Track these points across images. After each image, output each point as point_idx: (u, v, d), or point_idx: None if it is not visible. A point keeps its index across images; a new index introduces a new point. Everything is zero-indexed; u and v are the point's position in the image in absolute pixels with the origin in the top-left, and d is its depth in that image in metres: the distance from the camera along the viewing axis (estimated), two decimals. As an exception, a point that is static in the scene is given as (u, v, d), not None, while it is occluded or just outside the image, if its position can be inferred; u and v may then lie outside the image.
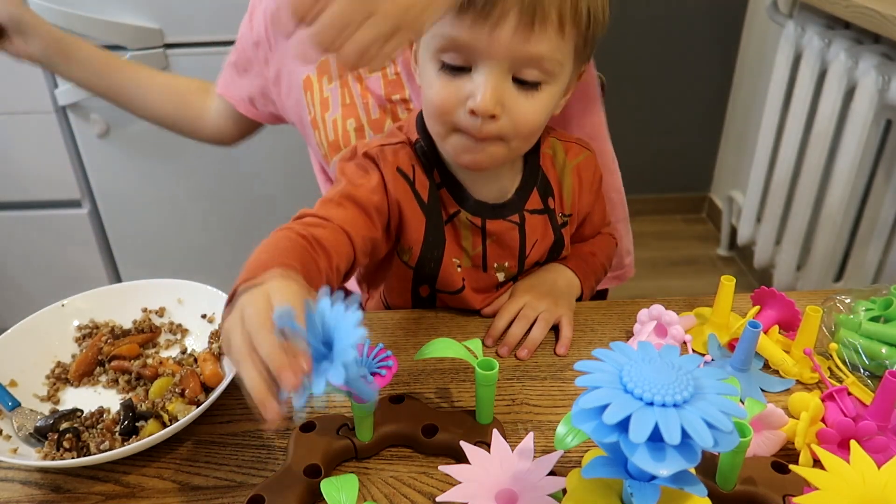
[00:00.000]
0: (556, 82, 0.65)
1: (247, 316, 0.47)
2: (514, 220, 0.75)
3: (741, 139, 2.19)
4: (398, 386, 0.68)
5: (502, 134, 0.64)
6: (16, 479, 0.60)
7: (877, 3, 1.33)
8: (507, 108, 0.63)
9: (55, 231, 1.73)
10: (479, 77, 0.62)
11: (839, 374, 0.68)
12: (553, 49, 0.61)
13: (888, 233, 1.48)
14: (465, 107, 0.62)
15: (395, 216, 0.73)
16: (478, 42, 0.60)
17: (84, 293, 0.77)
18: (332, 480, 0.55)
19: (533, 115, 0.64)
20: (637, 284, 2.19)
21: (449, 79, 0.63)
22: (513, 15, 0.59)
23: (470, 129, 0.64)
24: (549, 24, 0.60)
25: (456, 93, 0.63)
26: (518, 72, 0.62)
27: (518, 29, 0.59)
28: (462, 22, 0.60)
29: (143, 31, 1.50)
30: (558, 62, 0.63)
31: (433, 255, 0.75)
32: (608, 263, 0.88)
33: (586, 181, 0.79)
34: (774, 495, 0.53)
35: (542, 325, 0.74)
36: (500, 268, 0.78)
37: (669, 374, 0.41)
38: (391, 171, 0.71)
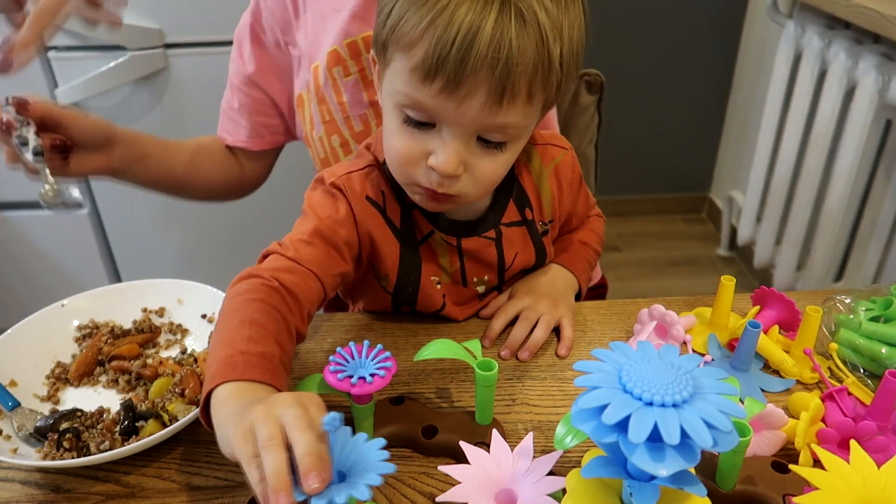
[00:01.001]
0: (520, 140, 0.65)
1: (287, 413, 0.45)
2: (489, 237, 0.74)
3: (741, 139, 2.19)
4: (398, 386, 0.68)
5: (461, 192, 0.64)
6: (16, 479, 0.60)
7: (877, 3, 1.33)
8: (468, 166, 0.62)
9: (55, 231, 1.73)
10: (441, 139, 0.61)
11: (839, 374, 0.68)
12: (520, 118, 0.61)
13: (888, 233, 1.48)
14: (427, 161, 0.62)
15: (367, 246, 0.71)
16: (444, 111, 0.59)
17: (84, 293, 0.77)
18: (331, 480, 0.54)
19: (494, 172, 0.64)
20: (637, 284, 2.20)
21: (412, 132, 0.62)
22: (482, 93, 0.57)
23: (431, 185, 0.63)
24: (519, 98, 0.58)
25: (418, 147, 0.62)
26: (483, 134, 0.61)
27: (486, 104, 0.58)
28: (428, 90, 0.58)
29: (143, 31, 1.50)
30: (524, 127, 0.63)
31: (410, 279, 0.74)
32: (600, 246, 0.88)
33: (566, 182, 0.77)
34: (774, 495, 0.53)
35: (543, 327, 0.74)
36: (480, 282, 0.77)
37: (669, 374, 0.41)
38: (359, 201, 0.70)
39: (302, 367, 0.72)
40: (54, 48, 1.53)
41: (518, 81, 0.57)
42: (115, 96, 1.56)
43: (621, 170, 2.31)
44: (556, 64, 0.59)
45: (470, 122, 0.59)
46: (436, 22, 0.55)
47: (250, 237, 1.71)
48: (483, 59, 0.55)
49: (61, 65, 1.54)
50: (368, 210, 0.70)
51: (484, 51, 0.55)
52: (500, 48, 0.55)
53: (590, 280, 0.86)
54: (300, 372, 0.71)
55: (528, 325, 0.74)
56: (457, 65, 0.55)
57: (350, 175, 0.70)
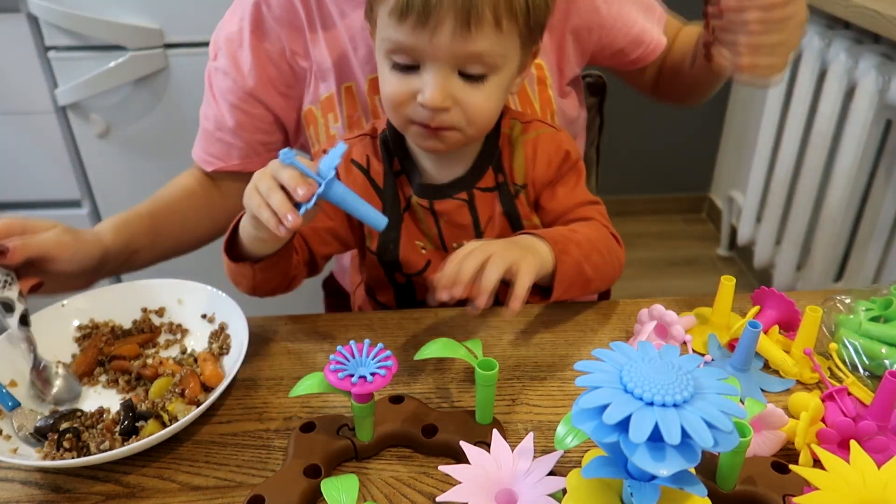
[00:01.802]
0: (501, 71, 0.68)
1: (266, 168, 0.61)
2: (461, 198, 0.77)
3: (741, 139, 2.19)
4: (398, 386, 0.68)
5: (454, 124, 0.68)
6: (16, 479, 0.60)
7: (877, 3, 1.33)
8: (456, 100, 0.67)
9: (55, 231, 1.73)
10: (426, 75, 0.66)
11: (839, 374, 0.68)
12: (493, 45, 0.65)
13: (888, 233, 1.48)
14: (417, 101, 0.67)
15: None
16: (420, 45, 0.64)
17: (84, 293, 0.77)
18: (332, 480, 0.55)
19: (482, 103, 0.68)
20: (637, 284, 2.20)
21: (400, 76, 0.67)
22: (448, 20, 0.62)
23: (424, 120, 0.68)
24: (486, 23, 0.63)
25: (407, 89, 0.67)
26: (462, 67, 0.66)
27: (455, 32, 0.63)
28: (403, 28, 0.64)
29: (143, 31, 1.50)
30: (500, 55, 0.66)
31: (391, 238, 0.79)
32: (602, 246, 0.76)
33: (542, 153, 0.78)
34: (774, 495, 0.53)
35: (494, 267, 0.62)
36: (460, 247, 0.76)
37: (669, 374, 0.41)
38: (345, 164, 0.77)
39: (302, 366, 0.72)
40: (54, 48, 1.53)
41: (481, 8, 0.62)
42: (115, 96, 1.56)
43: (621, 170, 2.31)
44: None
45: (446, 52, 0.64)
46: None
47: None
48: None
49: (61, 65, 1.54)
50: (353, 172, 0.78)
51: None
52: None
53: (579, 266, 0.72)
54: (301, 372, 0.71)
55: (476, 262, 0.62)
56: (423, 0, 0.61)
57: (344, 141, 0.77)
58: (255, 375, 0.71)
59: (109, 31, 1.49)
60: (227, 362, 0.70)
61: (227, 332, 0.73)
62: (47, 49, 1.53)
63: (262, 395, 0.68)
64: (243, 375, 0.70)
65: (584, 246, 0.73)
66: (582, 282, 0.73)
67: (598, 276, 0.74)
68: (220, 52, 0.88)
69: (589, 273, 0.73)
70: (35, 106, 1.57)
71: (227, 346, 0.72)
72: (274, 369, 0.72)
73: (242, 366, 0.67)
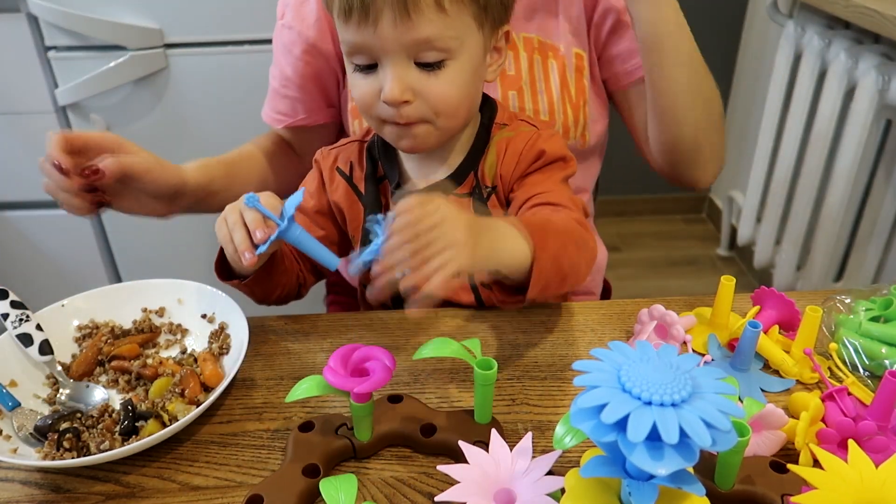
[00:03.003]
0: (460, 55, 0.67)
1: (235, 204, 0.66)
2: None
3: (741, 139, 2.19)
4: (398, 386, 0.68)
5: (422, 116, 0.68)
6: (16, 479, 0.60)
7: (877, 3, 1.33)
8: (417, 91, 0.67)
9: (55, 231, 1.73)
10: (383, 71, 0.67)
11: (839, 374, 0.68)
12: (440, 28, 0.65)
13: (888, 233, 1.48)
14: (381, 99, 0.68)
15: (338, 212, 0.81)
16: (368, 41, 0.65)
17: (84, 293, 0.77)
18: (330, 480, 0.55)
19: (445, 90, 0.68)
20: (637, 284, 2.20)
21: (363, 77, 0.69)
22: (387, 10, 0.63)
23: (391, 117, 0.69)
24: (425, 7, 0.63)
25: (370, 88, 0.68)
26: (416, 56, 0.66)
27: (396, 21, 0.63)
28: (350, 27, 0.65)
29: (143, 31, 1.50)
30: (452, 38, 0.66)
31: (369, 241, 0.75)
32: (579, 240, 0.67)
33: (512, 151, 0.75)
34: (773, 495, 0.53)
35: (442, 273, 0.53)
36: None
37: (667, 374, 0.41)
38: (329, 171, 0.81)
39: (302, 366, 0.72)
40: (54, 48, 1.53)
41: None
42: (115, 96, 1.56)
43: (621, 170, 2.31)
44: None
45: (394, 43, 0.64)
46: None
47: (250, 237, 1.71)
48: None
49: (61, 65, 1.54)
50: (336, 179, 0.80)
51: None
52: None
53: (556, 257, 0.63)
54: (301, 372, 0.71)
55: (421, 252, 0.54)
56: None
57: (331, 150, 0.82)
58: (255, 375, 0.71)
59: (109, 31, 1.49)
60: (227, 362, 0.70)
61: (227, 332, 0.73)
62: (47, 49, 1.53)
63: (262, 395, 0.68)
64: (243, 375, 0.70)
65: (560, 236, 0.65)
66: (558, 278, 0.64)
67: (572, 272, 0.66)
68: (287, 9, 0.93)
69: (565, 267, 0.64)
70: (35, 106, 1.58)
71: (227, 346, 0.72)
72: (274, 369, 0.72)
73: (242, 366, 0.67)
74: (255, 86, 1.57)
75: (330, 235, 0.82)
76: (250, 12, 1.50)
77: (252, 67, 1.56)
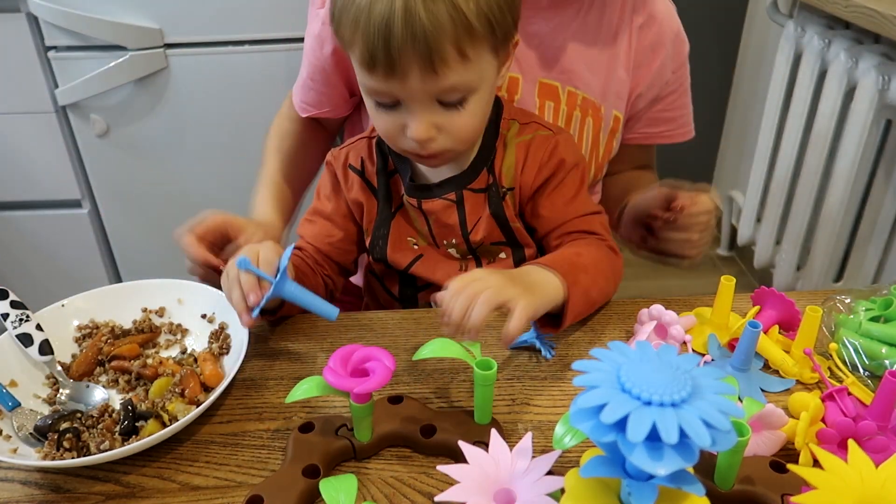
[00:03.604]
0: (480, 88, 0.69)
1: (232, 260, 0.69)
2: (449, 199, 0.78)
3: (741, 139, 2.18)
4: (398, 386, 0.68)
5: (446, 148, 0.71)
6: (16, 479, 0.60)
7: (877, 3, 1.33)
8: (440, 127, 0.69)
9: (55, 231, 1.73)
10: (408, 112, 0.68)
11: (839, 374, 0.68)
12: (463, 74, 0.66)
13: (888, 233, 1.48)
14: (406, 134, 0.69)
15: (356, 209, 0.83)
16: (394, 90, 0.66)
17: (84, 293, 0.77)
18: (330, 480, 0.55)
19: (467, 124, 0.70)
20: (637, 284, 2.19)
21: (386, 113, 0.70)
22: (414, 66, 0.63)
23: (415, 150, 0.71)
24: (450, 59, 0.64)
25: (394, 124, 0.70)
26: (440, 98, 0.67)
27: (423, 76, 0.64)
28: (375, 78, 0.66)
29: (143, 31, 1.50)
30: (474, 79, 0.67)
31: (380, 233, 0.82)
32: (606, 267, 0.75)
33: (533, 158, 0.77)
34: (773, 495, 0.53)
35: (482, 306, 0.61)
36: (450, 245, 0.82)
37: (667, 374, 0.41)
38: (343, 170, 0.82)
39: (302, 366, 0.72)
40: (54, 48, 1.53)
41: (442, 48, 0.63)
42: (115, 96, 1.56)
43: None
44: (476, 19, 0.63)
45: (419, 93, 0.66)
46: (359, 21, 0.63)
47: (250, 237, 1.71)
48: (402, 42, 0.62)
49: (61, 65, 1.54)
50: (350, 176, 0.82)
51: (400, 34, 0.62)
52: (413, 28, 0.61)
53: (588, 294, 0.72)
54: (301, 372, 0.71)
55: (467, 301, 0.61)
56: (385, 53, 0.63)
57: (341, 149, 0.83)
58: (255, 375, 0.71)
59: (109, 31, 1.49)
60: (227, 362, 0.70)
61: (227, 332, 0.73)
62: (47, 49, 1.53)
63: (262, 395, 0.68)
64: (243, 375, 0.70)
65: (590, 271, 0.72)
66: (588, 307, 0.74)
67: (602, 297, 0.77)
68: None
69: (595, 297, 0.74)
70: (35, 106, 1.58)
71: (227, 346, 0.72)
72: (274, 369, 0.72)
73: (242, 366, 0.67)
74: (256, 86, 1.57)
75: (350, 236, 0.84)
76: (250, 12, 1.50)
77: (252, 67, 1.56)
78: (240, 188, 1.72)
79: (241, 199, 1.85)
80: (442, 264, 0.82)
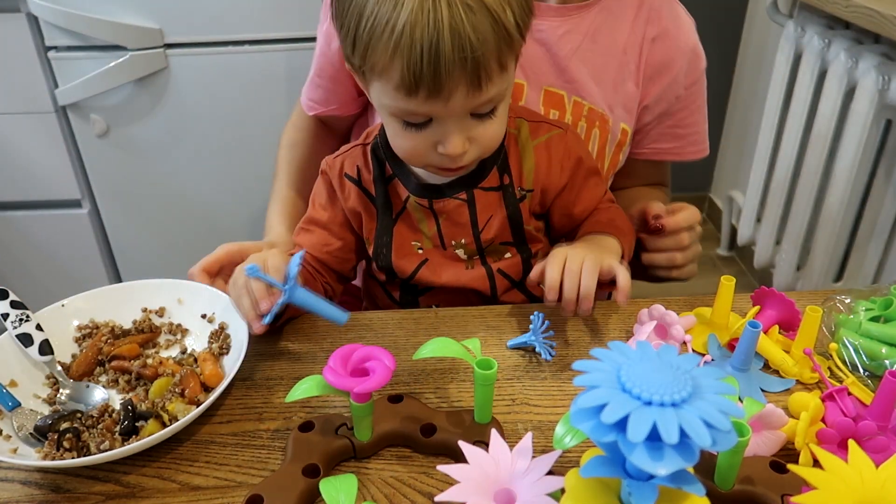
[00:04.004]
0: (507, 95, 0.70)
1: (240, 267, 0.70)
2: (461, 198, 0.78)
3: (741, 139, 2.18)
4: (398, 386, 0.68)
5: (476, 158, 0.71)
6: (16, 479, 0.60)
7: (877, 3, 1.33)
8: (473, 139, 0.68)
9: (55, 231, 1.73)
10: (442, 128, 0.66)
11: (839, 374, 0.68)
12: (501, 85, 0.66)
13: (888, 233, 1.48)
14: (436, 150, 0.68)
15: (355, 218, 0.82)
16: (435, 111, 0.65)
17: (84, 293, 0.77)
18: (330, 480, 0.55)
19: (496, 130, 0.70)
20: (637, 284, 2.19)
21: (415, 132, 0.67)
22: (462, 85, 0.62)
23: (444, 164, 0.70)
24: (494, 73, 0.63)
25: (425, 142, 0.68)
26: (475, 111, 0.67)
27: (469, 93, 0.63)
28: (415, 100, 0.63)
29: (143, 31, 1.50)
30: (506, 87, 0.68)
31: (384, 242, 0.81)
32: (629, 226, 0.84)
33: (556, 157, 0.79)
34: (773, 495, 0.53)
35: (589, 272, 0.68)
36: (458, 245, 0.81)
37: (667, 374, 0.41)
38: (338, 179, 0.80)
39: (302, 366, 0.72)
40: (54, 48, 1.53)
41: (489, 64, 0.62)
42: (115, 96, 1.56)
43: (621, 170, 2.31)
44: (514, 27, 0.63)
45: (460, 110, 0.65)
46: (400, 46, 0.60)
47: (250, 237, 1.71)
48: (453, 63, 0.60)
49: (61, 65, 1.54)
50: (346, 185, 0.80)
51: (450, 56, 0.60)
52: (463, 47, 0.60)
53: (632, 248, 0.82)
54: (300, 372, 0.71)
55: (575, 277, 0.68)
56: (432, 76, 0.60)
57: (336, 158, 0.81)
58: (255, 375, 0.71)
59: (109, 31, 1.49)
60: (227, 362, 0.70)
61: (227, 332, 0.73)
62: (47, 49, 1.53)
63: (262, 395, 0.68)
64: (243, 375, 0.70)
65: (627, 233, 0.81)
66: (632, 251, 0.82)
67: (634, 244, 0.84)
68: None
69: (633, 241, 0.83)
70: (35, 106, 1.58)
71: (227, 346, 0.72)
72: (274, 369, 0.72)
73: (242, 366, 0.67)
74: (255, 86, 1.57)
75: (348, 245, 0.83)
76: (250, 12, 1.50)
77: (252, 67, 1.56)
78: (239, 188, 1.73)
79: (241, 198, 1.86)
80: (447, 267, 0.82)
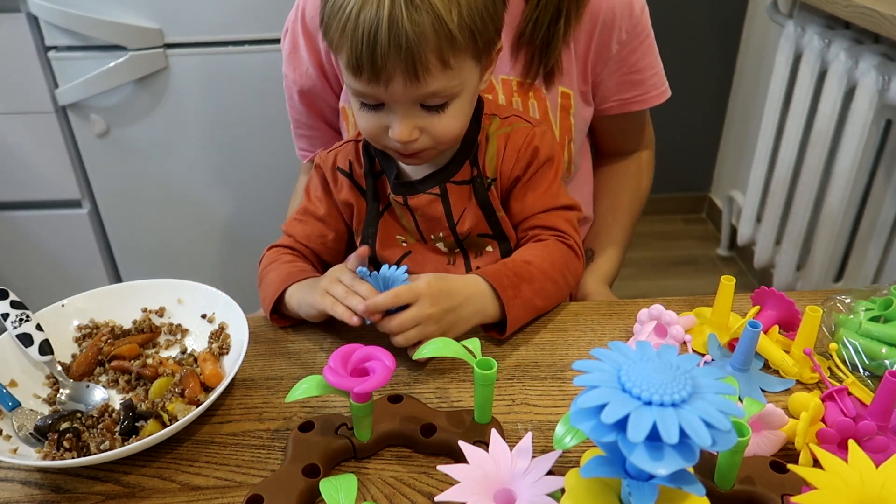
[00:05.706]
0: (462, 93, 0.71)
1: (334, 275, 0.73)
2: (434, 193, 0.79)
3: (741, 139, 2.19)
4: (398, 386, 0.68)
5: (427, 147, 0.72)
6: (16, 479, 0.60)
7: (877, 3, 1.33)
8: (423, 129, 0.71)
9: (55, 231, 1.73)
10: (391, 114, 0.70)
11: (839, 374, 0.68)
12: (445, 81, 0.68)
13: (888, 233, 1.48)
14: (388, 134, 0.71)
15: (346, 210, 0.84)
16: (378, 94, 0.68)
17: (84, 293, 0.77)
18: (330, 480, 0.55)
19: (449, 125, 0.72)
20: (637, 284, 2.19)
21: (370, 113, 0.71)
22: (398, 74, 0.65)
23: (397, 149, 0.73)
24: (432, 67, 0.66)
25: (378, 124, 0.72)
26: (423, 102, 0.69)
27: (406, 83, 0.66)
28: (360, 82, 0.67)
29: (143, 31, 1.50)
30: (456, 85, 0.69)
31: (369, 233, 0.84)
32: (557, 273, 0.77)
33: (511, 147, 0.79)
34: (773, 495, 0.53)
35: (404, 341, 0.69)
36: (438, 239, 0.83)
37: (667, 374, 0.41)
38: (331, 172, 0.83)
39: (302, 366, 0.72)
40: (54, 48, 1.53)
41: (425, 57, 0.65)
42: (115, 96, 1.56)
43: (621, 170, 2.31)
44: (458, 30, 0.65)
45: (402, 97, 0.68)
46: (346, 27, 0.65)
47: (250, 238, 1.71)
48: (387, 50, 0.64)
49: (61, 65, 1.54)
50: (339, 178, 0.83)
51: (385, 42, 0.63)
52: (398, 36, 0.63)
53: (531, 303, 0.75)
54: (300, 372, 0.71)
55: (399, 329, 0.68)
56: (370, 60, 0.65)
57: (329, 152, 0.84)
58: (255, 375, 0.71)
59: (109, 31, 1.49)
60: (227, 362, 0.70)
61: (227, 332, 0.73)
62: (47, 49, 1.53)
63: (262, 395, 0.68)
64: (243, 375, 0.70)
65: (537, 280, 0.76)
66: (532, 314, 0.77)
67: (550, 303, 0.79)
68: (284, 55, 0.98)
69: (539, 305, 0.77)
70: (35, 106, 1.58)
71: (227, 346, 0.72)
72: (274, 369, 0.72)
73: (242, 366, 0.67)
74: (255, 86, 1.57)
75: (341, 236, 0.86)
76: (250, 12, 1.50)
77: (252, 67, 1.56)
78: (239, 188, 1.73)
79: (241, 198, 1.86)
80: (430, 259, 0.84)
